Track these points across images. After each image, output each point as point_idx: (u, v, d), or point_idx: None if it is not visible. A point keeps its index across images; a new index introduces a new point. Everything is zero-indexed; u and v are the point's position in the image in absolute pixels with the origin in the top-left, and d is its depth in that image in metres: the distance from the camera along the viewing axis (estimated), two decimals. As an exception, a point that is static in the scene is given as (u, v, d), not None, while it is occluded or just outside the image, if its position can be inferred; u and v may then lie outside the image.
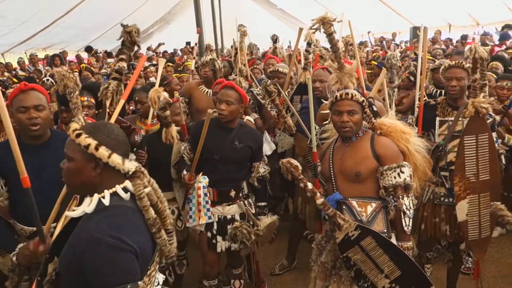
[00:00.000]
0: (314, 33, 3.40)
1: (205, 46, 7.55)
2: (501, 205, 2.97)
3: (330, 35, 3.32)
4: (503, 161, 3.67)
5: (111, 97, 3.29)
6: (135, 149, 3.60)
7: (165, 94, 3.39)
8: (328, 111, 3.32)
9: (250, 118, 4.10)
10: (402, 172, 2.68)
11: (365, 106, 2.82)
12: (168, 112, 3.43)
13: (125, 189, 1.74)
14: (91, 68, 9.08)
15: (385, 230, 2.72)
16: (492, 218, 3.27)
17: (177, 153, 3.63)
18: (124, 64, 3.05)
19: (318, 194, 2.58)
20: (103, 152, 1.68)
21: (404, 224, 2.69)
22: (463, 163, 3.25)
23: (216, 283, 3.64)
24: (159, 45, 15.83)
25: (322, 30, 3.31)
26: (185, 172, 3.44)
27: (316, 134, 3.73)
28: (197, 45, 7.64)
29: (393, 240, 2.72)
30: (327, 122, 3.53)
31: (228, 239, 3.45)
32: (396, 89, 4.35)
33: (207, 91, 4.94)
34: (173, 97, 4.03)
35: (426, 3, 13.02)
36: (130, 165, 1.74)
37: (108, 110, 3.23)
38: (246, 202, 3.55)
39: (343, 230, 2.58)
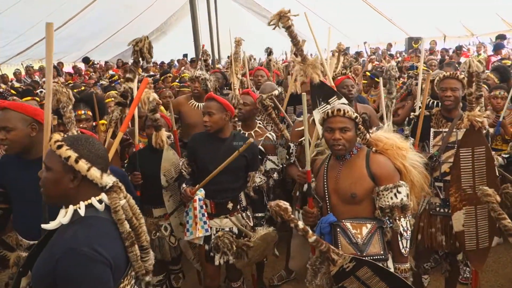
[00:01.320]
0: (274, 28, 3.38)
1: (201, 52, 7.54)
2: (489, 190, 2.78)
3: (288, 28, 3.30)
4: (497, 173, 3.67)
5: (114, 126, 3.30)
6: (125, 162, 3.59)
7: (155, 96, 3.40)
8: (301, 128, 3.36)
9: (270, 135, 4.00)
10: (399, 192, 2.57)
11: (359, 123, 2.69)
12: (158, 115, 3.44)
13: (100, 201, 1.77)
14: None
15: (382, 252, 2.60)
16: (491, 229, 3.28)
17: (168, 160, 3.63)
18: (131, 85, 2.99)
19: (310, 232, 2.46)
20: (83, 165, 1.72)
21: (401, 246, 2.61)
22: (459, 175, 3.27)
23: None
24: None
25: (281, 24, 3.27)
26: (184, 185, 3.43)
27: (292, 153, 3.76)
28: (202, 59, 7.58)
29: (390, 262, 2.64)
30: (302, 139, 3.46)
31: (211, 249, 3.44)
32: (394, 100, 4.39)
33: (197, 105, 4.93)
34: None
35: (421, 14, 13.12)
36: (108, 179, 1.78)
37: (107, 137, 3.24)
38: (244, 214, 3.55)
39: (338, 264, 2.48)
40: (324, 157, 2.96)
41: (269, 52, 6.68)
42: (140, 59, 3.13)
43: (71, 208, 1.74)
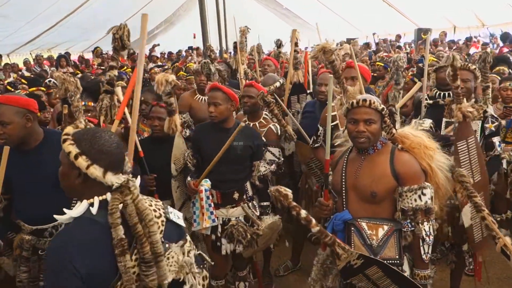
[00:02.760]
0: (314, 60, 3.33)
1: (206, 47, 7.52)
2: (464, 171, 2.69)
3: (331, 63, 3.26)
4: (504, 165, 3.65)
5: (105, 113, 3.30)
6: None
7: (173, 77, 3.39)
8: (333, 113, 3.29)
9: (273, 127, 4.00)
10: (424, 195, 2.41)
11: (385, 115, 2.50)
12: (173, 99, 3.43)
13: (105, 202, 1.69)
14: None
15: (397, 257, 2.45)
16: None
17: (178, 147, 3.63)
18: (115, 73, 2.99)
19: (314, 222, 2.35)
20: (82, 162, 1.64)
21: (422, 252, 2.45)
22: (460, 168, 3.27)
23: (224, 283, 3.68)
24: (154, 46, 15.82)
25: (324, 58, 3.24)
26: (189, 178, 3.44)
27: (319, 135, 3.74)
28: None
29: (405, 266, 2.51)
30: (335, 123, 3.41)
31: (225, 238, 3.46)
32: (401, 91, 4.37)
33: (203, 99, 4.90)
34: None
35: (431, 4, 12.98)
36: (114, 178, 1.67)
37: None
38: (250, 204, 3.56)
39: (343, 259, 2.36)
40: (345, 150, 2.76)
41: (279, 44, 6.64)
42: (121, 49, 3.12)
43: (79, 203, 1.70)
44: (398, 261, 2.44)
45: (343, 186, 2.59)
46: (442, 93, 4.18)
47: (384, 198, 2.49)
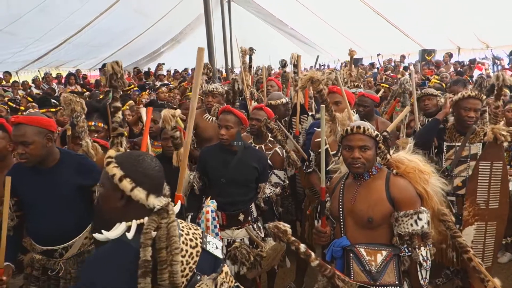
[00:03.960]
0: (302, 90, 3.37)
1: (204, 65, 7.53)
2: (445, 210, 2.65)
3: (319, 92, 3.29)
4: (511, 188, 3.66)
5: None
6: None
7: (179, 112, 3.43)
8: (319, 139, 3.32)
9: (279, 150, 4.05)
10: (420, 219, 2.40)
11: (379, 141, 2.54)
12: (178, 133, 3.46)
13: (141, 225, 1.69)
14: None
15: (397, 282, 2.44)
16: (495, 248, 3.25)
17: (186, 180, 3.64)
18: (120, 115, 2.95)
19: (313, 255, 2.34)
20: (126, 184, 1.64)
21: (420, 277, 2.43)
22: (475, 188, 3.26)
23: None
24: (159, 65, 15.97)
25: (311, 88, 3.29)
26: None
27: (311, 161, 3.77)
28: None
29: None
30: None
31: (229, 259, 3.45)
32: (408, 113, 4.41)
33: (212, 119, 4.92)
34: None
35: (435, 26, 13.07)
36: (156, 201, 1.68)
37: None
38: (255, 225, 3.57)
39: None
40: (341, 176, 2.79)
41: (284, 64, 6.71)
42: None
43: (118, 225, 1.71)
44: (398, 287, 2.45)
45: (341, 212, 2.61)
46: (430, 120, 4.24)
47: (381, 223, 2.49)
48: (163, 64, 16.93)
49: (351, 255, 2.50)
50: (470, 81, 8.06)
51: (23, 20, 10.37)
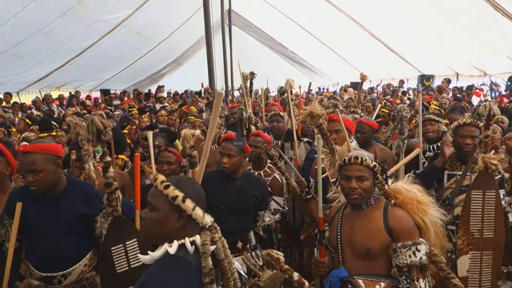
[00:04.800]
0: (301, 124, 3.41)
1: (204, 89, 7.57)
2: (436, 250, 2.59)
3: (319, 127, 3.32)
4: (510, 219, 3.63)
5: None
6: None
7: (198, 133, 3.45)
8: (322, 165, 3.33)
9: (278, 176, 4.05)
10: (418, 251, 2.38)
11: (377, 172, 2.53)
12: (196, 152, 3.48)
13: (193, 242, 1.77)
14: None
15: None
16: (493, 277, 3.22)
17: None
18: (112, 169, 2.95)
19: (306, 285, 2.31)
20: (189, 204, 1.74)
21: None
22: (468, 217, 3.25)
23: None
24: (159, 88, 16.10)
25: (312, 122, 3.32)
26: None
27: (310, 187, 3.77)
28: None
29: None
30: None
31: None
32: (406, 140, 4.42)
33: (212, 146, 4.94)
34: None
35: (433, 52, 13.22)
36: (208, 219, 1.79)
37: None
38: (253, 253, 3.54)
39: None
40: (340, 205, 2.79)
41: (283, 92, 6.77)
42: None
43: (165, 245, 1.77)
44: None
45: (339, 242, 2.59)
46: (432, 146, 4.25)
47: (379, 254, 2.47)
48: (163, 86, 17.06)
49: (349, 286, 2.46)
50: (469, 107, 8.10)
51: (27, 42, 10.49)
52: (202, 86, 11.83)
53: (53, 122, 6.47)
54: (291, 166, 4.30)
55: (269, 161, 4.09)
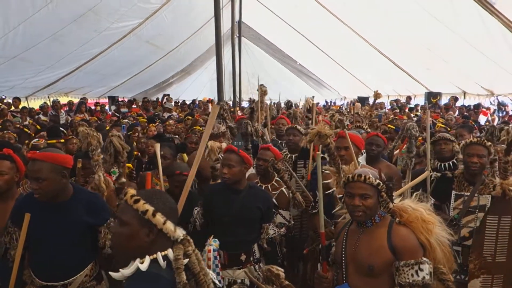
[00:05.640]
0: (310, 143, 3.42)
1: (220, 105, 7.53)
2: (444, 269, 2.53)
3: (327, 147, 3.33)
4: None
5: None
6: None
7: (224, 145, 3.48)
8: (327, 181, 3.31)
9: (285, 190, 4.06)
10: (421, 270, 2.36)
11: (381, 190, 2.54)
12: (219, 165, 3.50)
13: (165, 257, 1.77)
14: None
15: None
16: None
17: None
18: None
19: None
20: (159, 218, 1.74)
21: None
22: (482, 242, 3.23)
23: None
24: (164, 96, 16.18)
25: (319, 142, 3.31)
26: None
27: (317, 202, 3.75)
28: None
29: None
30: (328, 192, 3.47)
31: None
32: (413, 159, 4.41)
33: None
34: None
35: (441, 71, 13.21)
36: (179, 232, 1.80)
37: None
38: (257, 266, 3.53)
39: None
40: (346, 221, 2.81)
41: (290, 105, 6.79)
42: None
43: (137, 261, 1.75)
44: None
45: (343, 258, 2.60)
46: (443, 164, 4.23)
47: (382, 271, 2.46)
48: (168, 95, 17.16)
49: None
50: (475, 126, 8.08)
51: (37, 48, 10.58)
52: (205, 100, 11.86)
53: (61, 129, 6.52)
54: (299, 181, 4.29)
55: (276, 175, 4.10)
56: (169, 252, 1.78)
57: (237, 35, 17.82)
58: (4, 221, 2.87)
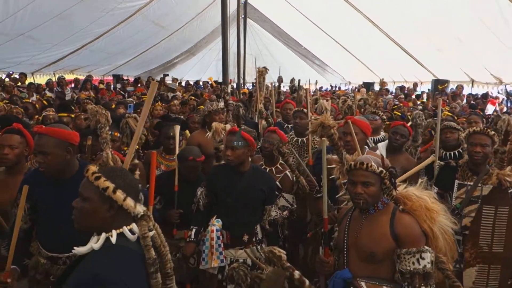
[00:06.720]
0: (312, 134, 3.43)
1: (221, 88, 7.48)
2: (444, 258, 2.50)
3: (330, 137, 3.32)
4: None
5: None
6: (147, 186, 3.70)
7: (229, 126, 3.51)
8: (331, 166, 3.32)
9: (289, 173, 4.07)
10: (422, 258, 2.35)
11: (384, 177, 2.52)
12: (222, 146, 3.52)
13: (131, 231, 1.86)
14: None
15: None
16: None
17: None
18: (137, 172, 3.16)
19: (307, 283, 2.35)
20: (119, 195, 1.81)
21: None
22: (478, 231, 3.24)
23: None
24: (164, 76, 16.13)
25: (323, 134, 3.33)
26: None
27: (321, 186, 3.78)
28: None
29: None
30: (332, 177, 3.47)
31: (225, 280, 3.44)
32: (418, 148, 4.40)
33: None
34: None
35: (449, 57, 13.06)
36: (140, 208, 1.86)
37: None
38: (259, 247, 3.57)
39: None
40: (349, 207, 2.80)
41: (294, 90, 6.77)
42: None
43: (104, 235, 1.82)
44: None
45: (345, 244, 2.61)
46: (448, 153, 4.22)
47: (383, 258, 2.47)
48: (167, 74, 17.15)
49: None
50: (484, 115, 8.04)
51: (44, 26, 10.59)
52: (211, 80, 11.85)
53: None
54: (303, 165, 4.31)
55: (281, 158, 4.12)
56: (134, 226, 1.86)
57: (243, 16, 17.67)
58: (14, 194, 2.90)
